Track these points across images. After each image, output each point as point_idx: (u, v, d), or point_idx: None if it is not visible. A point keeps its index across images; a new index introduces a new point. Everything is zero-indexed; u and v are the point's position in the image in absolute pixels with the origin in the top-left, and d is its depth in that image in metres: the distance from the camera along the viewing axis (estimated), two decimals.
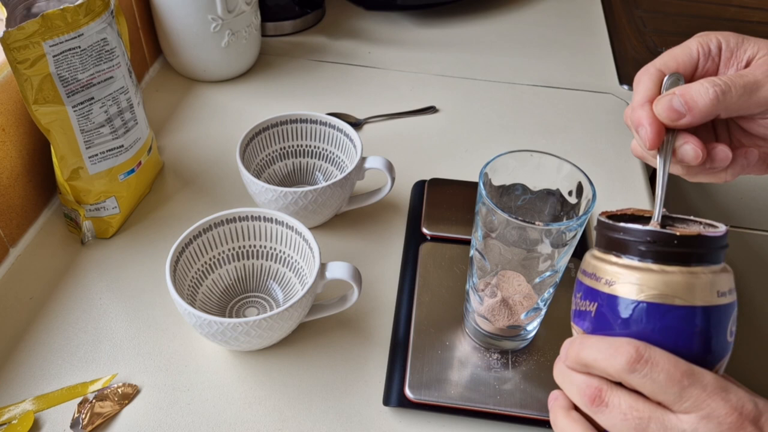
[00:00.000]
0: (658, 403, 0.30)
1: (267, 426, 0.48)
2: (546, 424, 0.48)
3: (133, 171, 0.61)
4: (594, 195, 0.42)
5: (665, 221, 0.35)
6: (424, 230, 0.61)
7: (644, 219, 0.36)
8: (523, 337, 0.51)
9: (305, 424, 0.48)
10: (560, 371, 0.35)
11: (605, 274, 0.33)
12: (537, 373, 0.50)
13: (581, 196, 0.44)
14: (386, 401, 0.49)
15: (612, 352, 0.31)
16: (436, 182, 0.66)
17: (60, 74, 0.52)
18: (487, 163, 0.44)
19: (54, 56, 0.51)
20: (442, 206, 0.63)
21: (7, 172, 0.56)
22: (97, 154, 0.57)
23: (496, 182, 0.46)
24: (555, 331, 0.53)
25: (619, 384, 0.32)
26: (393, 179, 0.60)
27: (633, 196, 0.69)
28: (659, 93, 0.39)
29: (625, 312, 0.32)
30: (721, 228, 0.32)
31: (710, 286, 0.31)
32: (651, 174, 0.89)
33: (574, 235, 0.42)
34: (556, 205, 0.46)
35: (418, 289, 0.56)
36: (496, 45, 0.92)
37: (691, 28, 0.99)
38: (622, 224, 0.33)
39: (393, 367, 0.51)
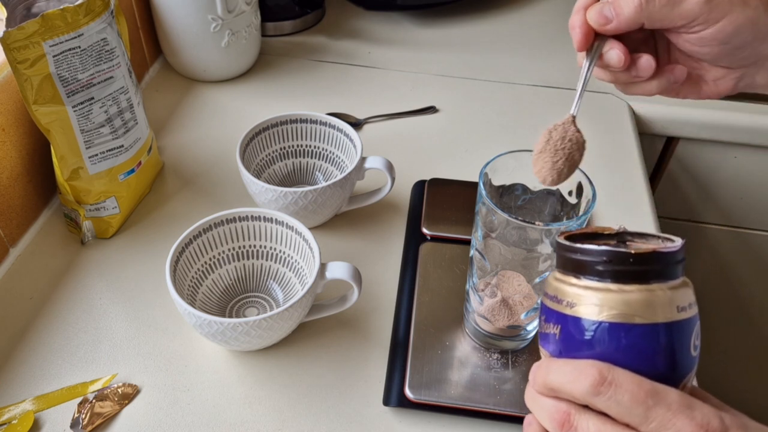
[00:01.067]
0: (626, 425, 0.30)
1: (267, 426, 0.48)
2: None
3: (133, 171, 0.61)
4: (594, 195, 0.42)
5: (624, 237, 0.35)
6: (424, 230, 0.61)
7: (605, 237, 0.35)
8: (523, 337, 0.51)
9: (305, 424, 0.48)
10: (530, 396, 0.34)
11: (566, 295, 0.33)
12: None
13: (581, 196, 0.44)
14: (386, 401, 0.49)
15: (576, 375, 0.31)
16: (436, 182, 0.66)
17: (60, 74, 0.52)
18: (487, 163, 0.44)
19: (54, 56, 0.51)
20: (442, 206, 0.63)
21: (7, 172, 0.56)
22: (97, 154, 0.57)
23: (496, 182, 0.46)
24: None
25: (587, 407, 0.31)
26: (393, 179, 0.60)
27: (633, 196, 0.69)
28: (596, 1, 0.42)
29: (587, 333, 0.32)
30: (677, 242, 0.32)
31: (669, 302, 0.31)
32: (651, 174, 0.90)
33: None
34: (556, 205, 0.46)
35: (418, 289, 0.56)
36: (496, 45, 0.92)
37: None
38: (578, 245, 0.32)
39: (393, 367, 0.51)
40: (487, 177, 0.44)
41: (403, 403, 0.48)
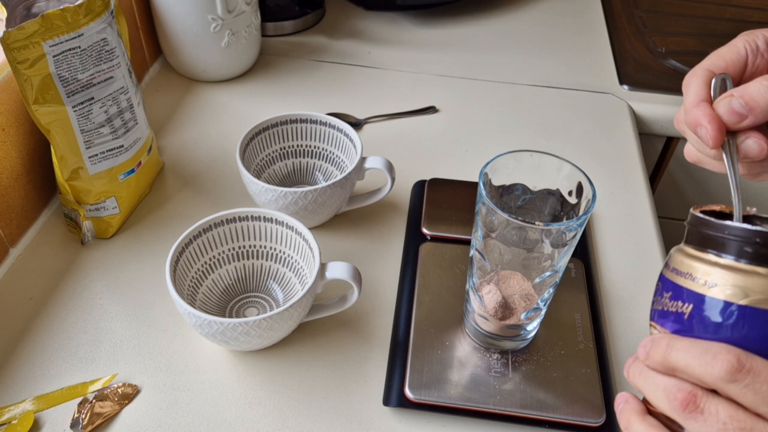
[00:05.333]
0: (759, 415, 0.29)
1: (267, 426, 0.48)
2: (546, 424, 0.48)
3: (133, 171, 0.61)
4: (594, 195, 0.42)
5: (755, 221, 0.33)
6: (424, 230, 0.61)
7: (731, 216, 0.34)
8: (523, 337, 0.51)
9: (305, 424, 0.48)
10: (640, 371, 0.33)
11: (703, 274, 0.31)
12: (537, 373, 0.50)
13: (581, 196, 0.44)
14: (386, 401, 0.49)
15: (708, 359, 0.29)
16: (436, 182, 0.66)
17: (60, 74, 0.52)
18: (487, 163, 0.44)
19: (54, 56, 0.51)
20: (442, 206, 0.63)
21: (7, 172, 0.56)
22: (97, 154, 0.57)
23: (496, 182, 0.46)
24: (555, 331, 0.53)
25: (714, 391, 0.30)
26: (393, 179, 0.60)
27: (633, 196, 0.69)
28: (710, 94, 0.37)
29: (724, 316, 0.30)
30: None
31: None
32: (651, 174, 0.90)
33: (574, 235, 0.42)
34: (556, 205, 0.46)
35: (418, 289, 0.56)
36: (496, 45, 0.92)
37: (691, 28, 0.99)
38: (726, 222, 0.31)
39: (393, 367, 0.51)
40: (487, 177, 0.44)
41: (403, 403, 0.48)
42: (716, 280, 0.31)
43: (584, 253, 0.60)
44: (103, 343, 0.53)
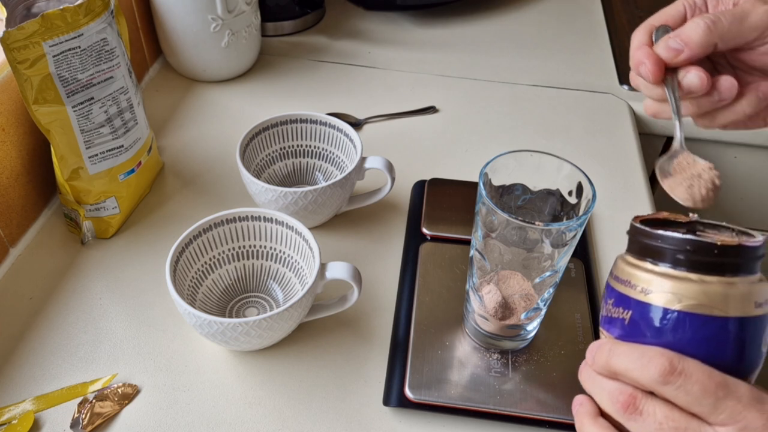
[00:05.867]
0: (693, 414, 0.30)
1: (267, 426, 0.48)
2: (546, 424, 0.48)
3: (133, 171, 0.61)
4: (594, 195, 0.42)
5: (696, 227, 0.35)
6: (424, 230, 0.61)
7: (677, 224, 0.35)
8: (523, 337, 0.51)
9: (305, 424, 0.48)
10: (588, 376, 0.34)
11: (640, 281, 0.32)
12: (537, 373, 0.50)
13: (581, 196, 0.44)
14: (386, 401, 0.49)
15: (645, 363, 0.31)
16: (436, 182, 0.66)
17: (60, 74, 0.52)
18: (487, 163, 0.44)
19: (54, 56, 0.51)
20: (442, 206, 0.63)
21: (7, 172, 0.56)
22: (97, 154, 0.57)
23: (496, 182, 0.46)
24: (555, 331, 0.53)
25: (652, 393, 0.31)
26: (393, 179, 0.60)
27: (633, 196, 0.69)
28: (651, 41, 0.41)
29: (660, 321, 0.31)
30: (759, 237, 0.32)
31: (748, 296, 0.30)
32: (651, 174, 0.89)
33: (574, 235, 0.42)
34: (556, 205, 0.46)
35: (418, 289, 0.56)
36: (496, 45, 0.92)
37: None
38: (659, 231, 0.32)
39: (393, 367, 0.51)
40: (487, 177, 0.44)
41: (403, 403, 0.48)
42: (652, 287, 0.32)
43: (584, 253, 0.60)
44: (103, 343, 0.53)
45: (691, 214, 0.35)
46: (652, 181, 0.90)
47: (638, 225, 0.34)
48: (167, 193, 0.66)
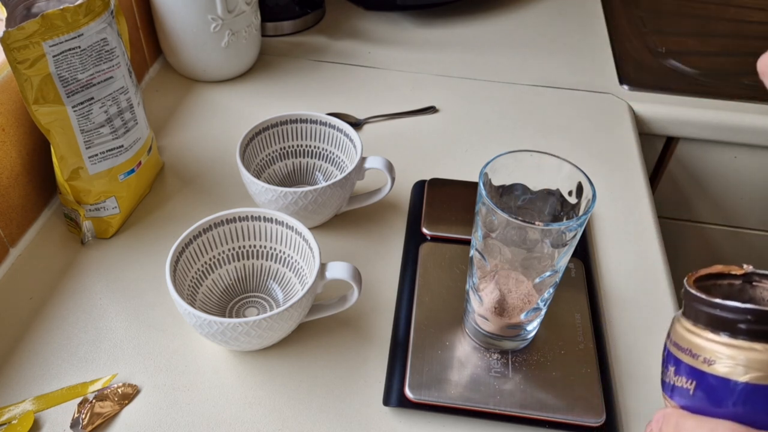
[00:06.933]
0: None
1: (267, 426, 0.48)
2: (546, 424, 0.48)
3: (133, 171, 0.61)
4: (594, 195, 0.42)
5: (752, 278, 0.34)
6: (424, 230, 0.61)
7: (732, 276, 0.34)
8: (523, 337, 0.51)
9: (305, 424, 0.48)
10: None
11: (702, 351, 0.31)
12: (537, 373, 0.50)
13: (581, 196, 0.44)
14: (386, 401, 0.49)
15: None
16: (436, 182, 0.66)
17: (60, 74, 0.52)
18: (487, 163, 0.44)
19: (54, 56, 0.51)
20: (442, 206, 0.63)
21: (7, 172, 0.56)
22: (97, 154, 0.57)
23: (496, 182, 0.46)
24: (555, 331, 0.53)
25: None
26: (393, 179, 0.60)
27: (633, 196, 0.69)
28: None
29: (726, 393, 0.30)
30: None
31: None
32: (651, 174, 0.90)
33: (574, 235, 0.42)
34: (556, 205, 0.46)
35: (418, 289, 0.56)
36: (496, 45, 0.92)
37: (691, 28, 0.99)
38: (718, 300, 0.30)
39: (393, 367, 0.51)
40: (487, 177, 0.44)
41: (403, 403, 0.48)
42: (715, 357, 0.31)
43: (584, 253, 0.60)
44: (103, 343, 0.53)
45: (745, 266, 0.34)
46: (652, 181, 0.90)
47: (694, 292, 0.32)
48: (167, 193, 0.66)
